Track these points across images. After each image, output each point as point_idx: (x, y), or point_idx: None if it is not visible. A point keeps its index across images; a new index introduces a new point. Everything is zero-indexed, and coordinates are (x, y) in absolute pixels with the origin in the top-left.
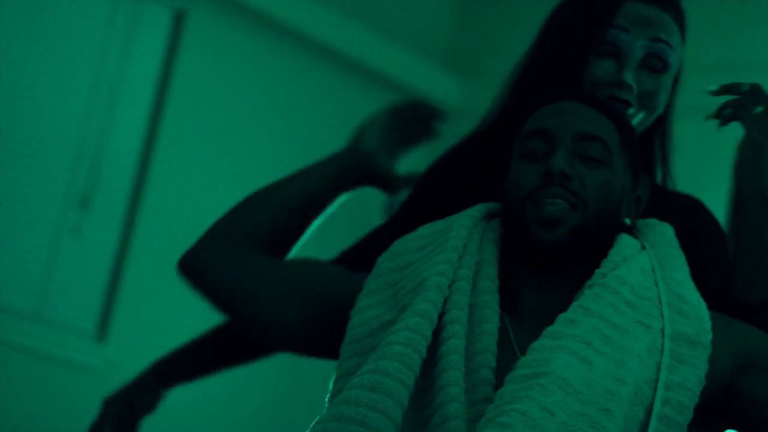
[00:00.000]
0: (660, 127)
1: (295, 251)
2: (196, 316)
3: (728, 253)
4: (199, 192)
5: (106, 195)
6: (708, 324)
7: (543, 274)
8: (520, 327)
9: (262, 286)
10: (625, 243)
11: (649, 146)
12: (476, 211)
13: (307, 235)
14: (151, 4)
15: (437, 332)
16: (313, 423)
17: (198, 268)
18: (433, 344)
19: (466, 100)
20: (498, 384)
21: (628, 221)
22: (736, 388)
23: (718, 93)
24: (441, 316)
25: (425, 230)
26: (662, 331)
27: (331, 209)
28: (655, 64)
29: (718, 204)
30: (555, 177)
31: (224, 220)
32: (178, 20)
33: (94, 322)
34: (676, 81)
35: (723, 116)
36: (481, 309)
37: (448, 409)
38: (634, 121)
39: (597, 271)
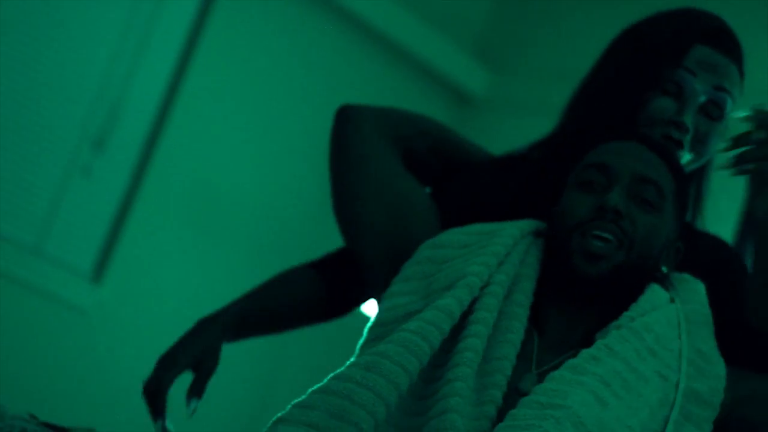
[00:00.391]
0: (701, 168)
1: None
2: (195, 270)
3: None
4: (213, 148)
5: (121, 139)
6: (723, 383)
7: (573, 302)
8: (541, 345)
9: (374, 187)
10: (655, 292)
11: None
12: (526, 224)
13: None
14: None
15: (461, 329)
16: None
17: (352, 124)
18: (455, 340)
19: (493, 91)
20: (509, 392)
21: (665, 269)
22: (731, 416)
23: (730, 148)
24: (468, 314)
25: (473, 228)
26: (677, 386)
27: None
28: (713, 111)
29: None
30: (608, 212)
31: (400, 117)
32: None
33: (91, 263)
34: None
35: (743, 171)
36: (509, 319)
37: (449, 402)
38: (682, 161)
39: (626, 314)
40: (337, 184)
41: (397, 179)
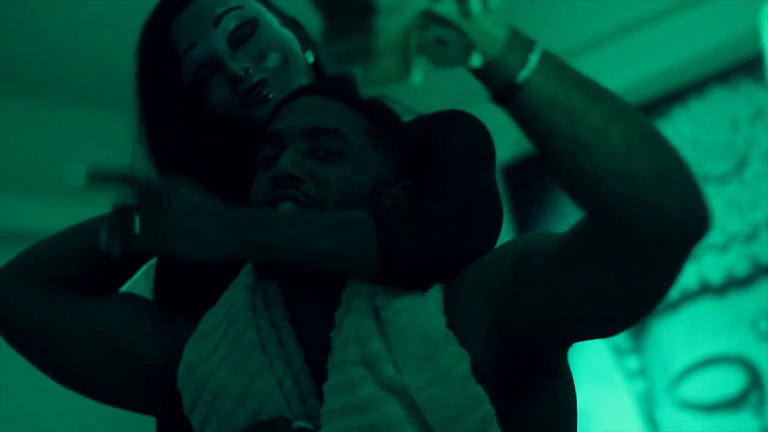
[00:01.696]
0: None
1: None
2: None
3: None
4: None
5: None
6: (440, 321)
7: (314, 299)
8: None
9: (67, 337)
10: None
11: None
12: (245, 276)
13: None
14: None
15: None
16: None
17: None
18: None
19: None
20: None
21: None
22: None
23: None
24: None
25: (206, 325)
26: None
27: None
28: (244, 30)
29: None
30: (283, 181)
31: (27, 255)
32: None
33: None
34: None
35: None
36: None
37: None
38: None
39: (332, 333)
40: (40, 366)
41: (83, 327)
